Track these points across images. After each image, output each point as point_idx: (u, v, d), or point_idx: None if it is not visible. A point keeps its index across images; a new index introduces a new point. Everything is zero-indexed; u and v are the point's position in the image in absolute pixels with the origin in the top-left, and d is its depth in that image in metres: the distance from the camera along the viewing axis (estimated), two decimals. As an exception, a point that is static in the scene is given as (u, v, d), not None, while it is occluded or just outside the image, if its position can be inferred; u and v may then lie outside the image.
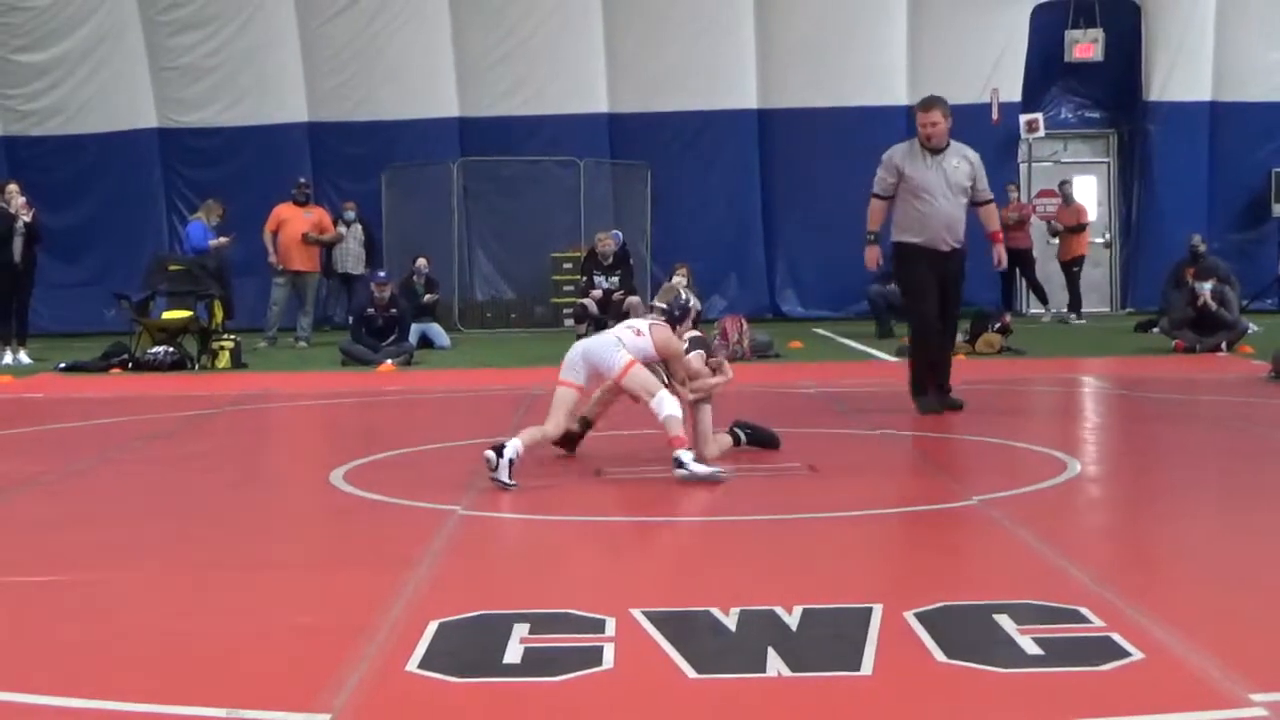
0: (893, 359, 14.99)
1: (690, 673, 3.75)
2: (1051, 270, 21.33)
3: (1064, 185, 21.65)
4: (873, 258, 9.93)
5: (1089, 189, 22.91)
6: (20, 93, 21.91)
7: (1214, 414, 10.11)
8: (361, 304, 16.49)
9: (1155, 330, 17.03)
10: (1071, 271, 21.06)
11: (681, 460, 6.88)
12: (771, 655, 3.85)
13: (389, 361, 15.10)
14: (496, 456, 6.71)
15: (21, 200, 16.13)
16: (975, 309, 15.87)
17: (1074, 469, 7.23)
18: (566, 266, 20.64)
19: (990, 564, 5.25)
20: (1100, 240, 22.82)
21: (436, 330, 17.96)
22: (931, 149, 9.54)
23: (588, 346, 7.43)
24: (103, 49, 21.69)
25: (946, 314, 9.73)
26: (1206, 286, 15.00)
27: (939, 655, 3.85)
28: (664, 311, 7.71)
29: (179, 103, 21.85)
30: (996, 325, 15.71)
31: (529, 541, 6.07)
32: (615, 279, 17.71)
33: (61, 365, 15.28)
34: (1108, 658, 3.79)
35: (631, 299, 16.99)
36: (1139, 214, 22.56)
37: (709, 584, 4.89)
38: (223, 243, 17.94)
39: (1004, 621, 4.13)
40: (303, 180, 19.28)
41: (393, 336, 15.88)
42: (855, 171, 21.70)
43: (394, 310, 16.08)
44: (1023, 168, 22.65)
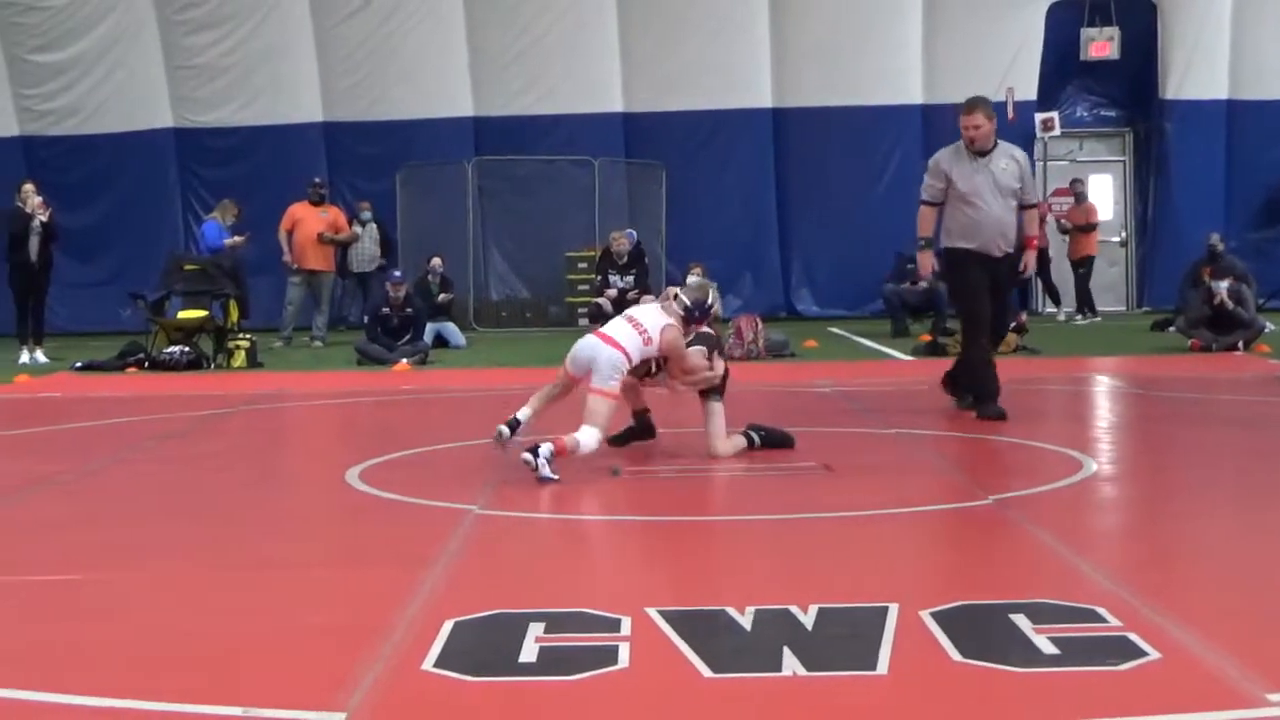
0: (908, 358, 14.99)
1: (705, 672, 3.74)
2: (1066, 270, 21.27)
3: (1076, 184, 21.59)
4: (927, 264, 9.76)
5: (1105, 188, 22.85)
6: (37, 92, 21.98)
7: (1230, 413, 10.06)
8: (377, 303, 16.52)
9: (1171, 329, 16.96)
10: (1078, 271, 20.99)
11: (538, 449, 6.78)
12: (787, 654, 3.84)
13: (404, 361, 15.10)
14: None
15: (38, 200, 16.21)
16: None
17: (1090, 468, 7.21)
18: (581, 266, 20.65)
19: (1006, 563, 5.24)
20: (1116, 239, 22.76)
21: (451, 329, 17.96)
22: (976, 151, 9.27)
23: (583, 347, 7.41)
24: (118, 49, 21.76)
25: (995, 317, 9.52)
26: (1223, 285, 14.94)
27: (955, 655, 3.84)
28: (685, 307, 7.68)
29: (194, 102, 21.92)
30: (1012, 324, 15.64)
31: (544, 541, 6.06)
32: (630, 278, 17.71)
33: (77, 364, 15.33)
34: (1125, 657, 3.78)
35: (646, 298, 16.95)
36: (1155, 212, 22.49)
37: (724, 583, 4.89)
38: (238, 242, 17.96)
39: (1020, 621, 4.11)
40: (318, 180, 19.32)
41: (408, 336, 15.91)
42: (870, 171, 22.13)
43: (409, 309, 16.11)
44: (1039, 167, 22.54)
